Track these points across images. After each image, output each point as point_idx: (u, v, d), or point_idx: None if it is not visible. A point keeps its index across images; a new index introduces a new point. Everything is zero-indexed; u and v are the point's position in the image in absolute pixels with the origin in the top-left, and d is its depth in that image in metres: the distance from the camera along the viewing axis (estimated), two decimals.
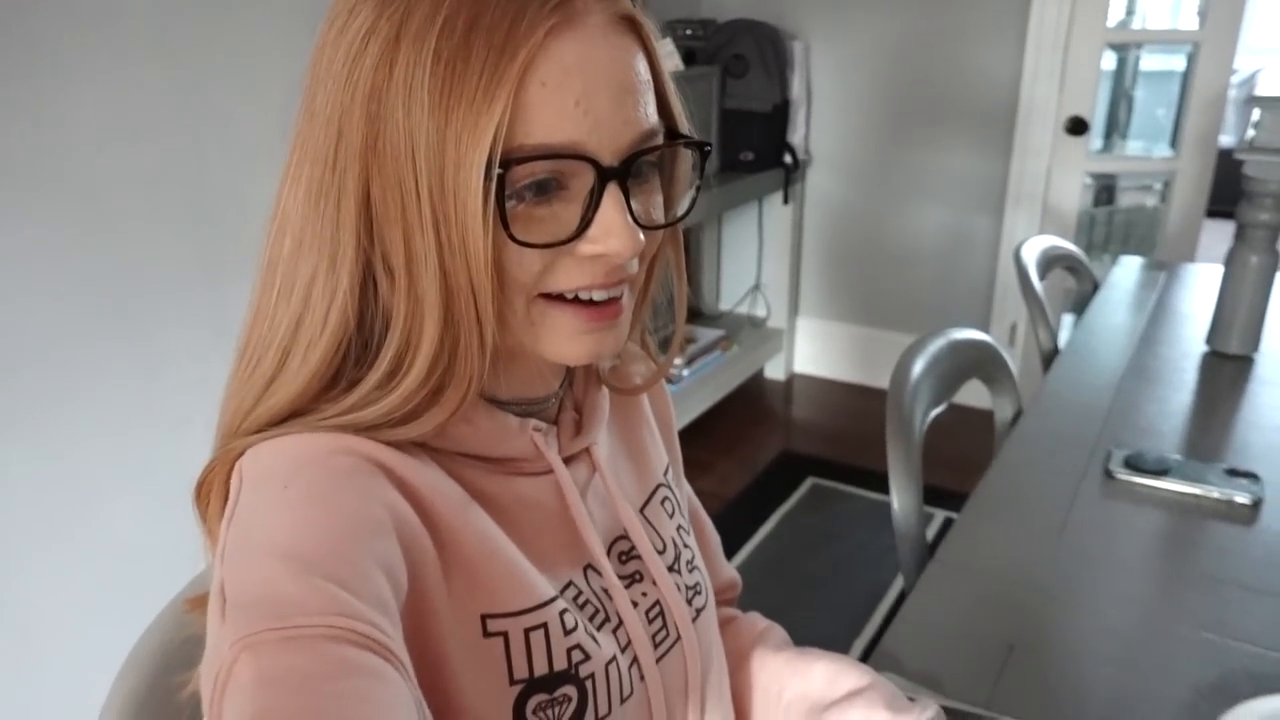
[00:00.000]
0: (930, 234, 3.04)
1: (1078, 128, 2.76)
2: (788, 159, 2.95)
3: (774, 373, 3.35)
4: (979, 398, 1.43)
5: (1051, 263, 1.84)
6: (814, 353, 3.37)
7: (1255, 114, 1.37)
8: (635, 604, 0.60)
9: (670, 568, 0.64)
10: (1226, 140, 3.33)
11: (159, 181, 1.53)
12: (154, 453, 1.57)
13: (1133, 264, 2.04)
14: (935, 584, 0.95)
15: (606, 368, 0.66)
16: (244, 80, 1.62)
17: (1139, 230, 2.98)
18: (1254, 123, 1.37)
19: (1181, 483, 1.10)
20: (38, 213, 1.38)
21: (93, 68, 1.41)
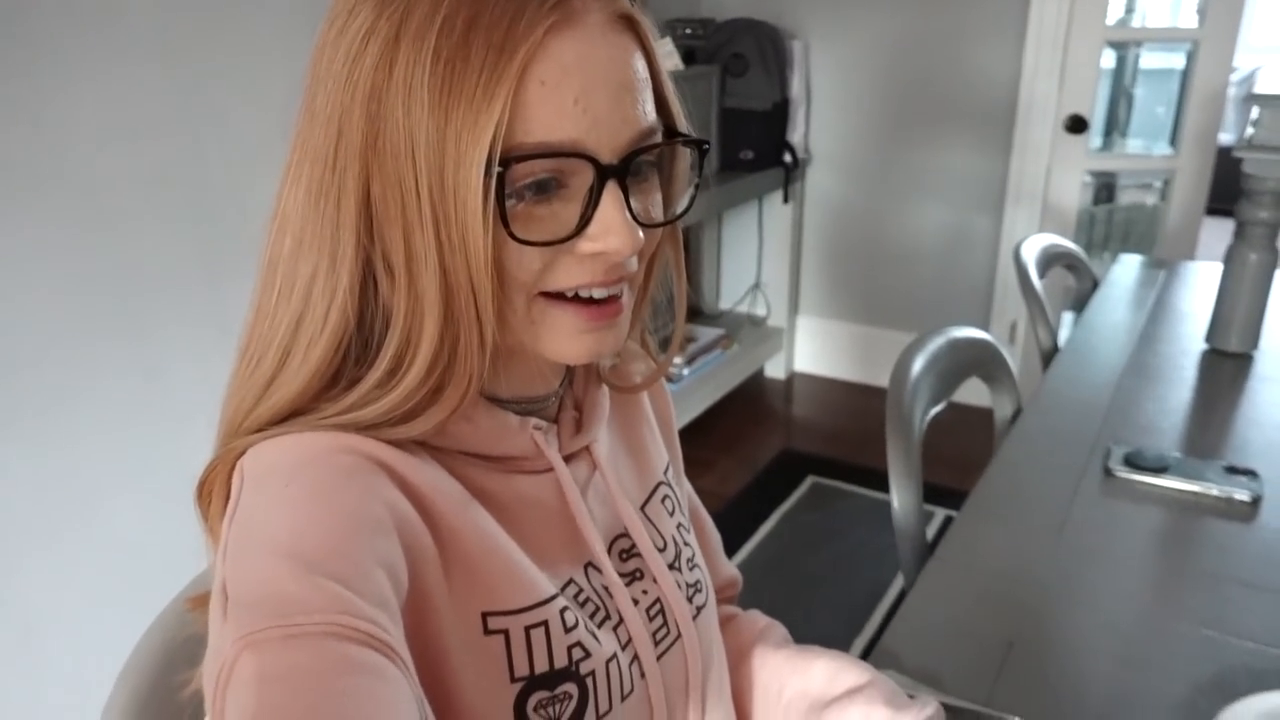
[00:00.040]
0: (930, 232, 3.04)
1: (1077, 126, 2.76)
2: (787, 158, 2.95)
3: (774, 371, 3.35)
4: (979, 396, 1.43)
5: (1051, 261, 1.84)
6: (814, 351, 3.37)
7: (1254, 112, 1.37)
8: (636, 602, 0.60)
9: (671, 565, 0.64)
10: (1226, 138, 3.32)
11: (159, 181, 1.53)
12: (154, 451, 1.57)
13: (1132, 262, 2.04)
14: (935, 582, 0.95)
15: (606, 366, 0.66)
16: (244, 80, 1.63)
17: (1138, 228, 2.98)
18: (1253, 120, 1.37)
19: (1181, 480, 1.10)
20: (38, 212, 1.38)
21: (93, 68, 1.41)
